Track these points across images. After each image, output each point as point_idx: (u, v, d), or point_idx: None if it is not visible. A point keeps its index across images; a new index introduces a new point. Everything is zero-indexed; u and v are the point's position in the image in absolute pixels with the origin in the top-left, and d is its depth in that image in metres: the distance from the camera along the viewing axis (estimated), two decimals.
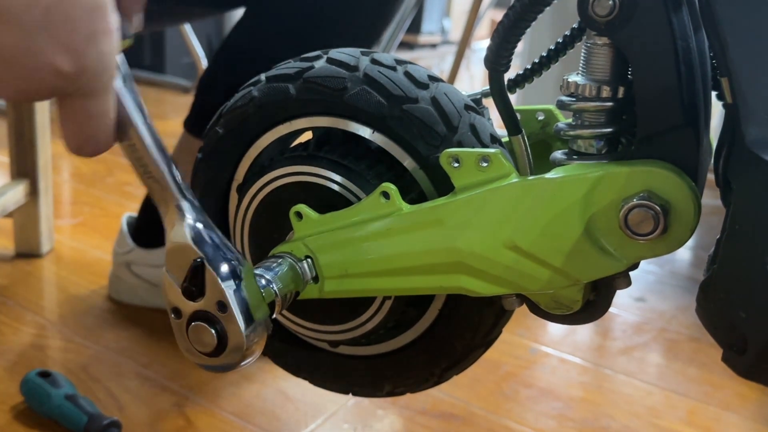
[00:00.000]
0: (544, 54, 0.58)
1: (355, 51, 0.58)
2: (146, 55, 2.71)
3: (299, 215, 0.56)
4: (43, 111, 1.27)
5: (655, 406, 0.98)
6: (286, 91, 0.57)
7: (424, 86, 0.55)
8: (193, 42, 2.28)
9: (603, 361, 1.08)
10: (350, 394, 0.65)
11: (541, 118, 0.62)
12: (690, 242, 1.53)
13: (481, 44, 3.58)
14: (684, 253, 1.51)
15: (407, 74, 0.56)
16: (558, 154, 0.51)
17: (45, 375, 0.89)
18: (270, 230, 0.59)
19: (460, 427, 0.91)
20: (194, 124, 1.06)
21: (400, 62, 0.57)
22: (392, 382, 0.62)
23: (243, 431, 0.89)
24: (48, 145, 1.30)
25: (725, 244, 0.43)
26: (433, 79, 0.57)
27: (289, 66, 0.58)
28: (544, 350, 1.10)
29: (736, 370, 0.44)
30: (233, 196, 0.63)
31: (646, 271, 1.38)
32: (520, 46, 0.60)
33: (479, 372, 1.01)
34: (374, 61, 0.56)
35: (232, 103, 0.61)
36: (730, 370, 1.08)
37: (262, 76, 0.60)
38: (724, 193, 0.47)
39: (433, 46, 4.03)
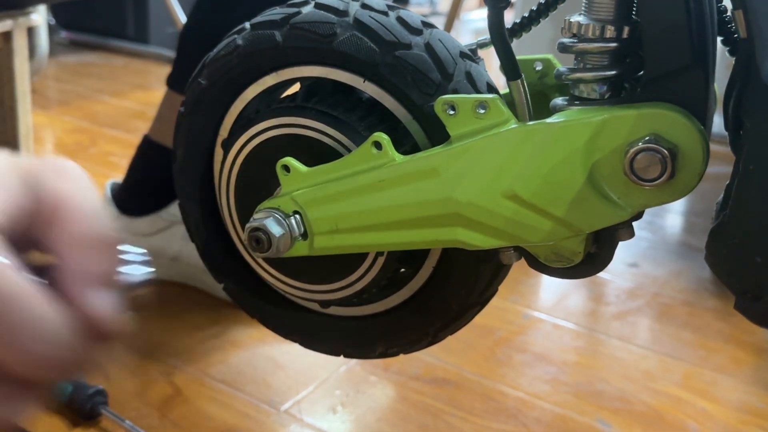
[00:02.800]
0: (542, 1, 0.56)
1: None
2: (129, 26, 2.65)
3: (287, 169, 0.53)
4: (24, 80, 1.23)
5: (650, 370, 0.97)
6: (273, 38, 0.55)
7: (417, 32, 0.53)
8: (177, 11, 2.23)
9: (597, 326, 1.07)
10: (342, 356, 0.63)
11: (539, 68, 0.59)
12: (681, 208, 1.51)
13: (470, 15, 3.54)
14: (676, 219, 1.50)
15: (400, 19, 0.53)
16: (559, 101, 0.49)
17: None
18: (257, 186, 0.57)
19: (453, 393, 0.90)
20: (177, 79, 1.03)
21: (392, 7, 0.54)
22: (385, 343, 0.61)
23: (233, 399, 0.87)
24: (29, 115, 1.26)
25: (738, 186, 0.41)
26: (427, 25, 0.54)
27: (274, 12, 0.56)
28: (538, 316, 1.08)
29: (750, 318, 0.42)
30: (218, 152, 0.61)
31: (638, 237, 1.36)
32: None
33: (472, 337, 1.00)
34: (365, 6, 0.54)
35: (215, 53, 0.58)
36: (725, 334, 1.07)
37: (247, 24, 0.57)
38: (734, 137, 0.45)
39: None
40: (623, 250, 1.25)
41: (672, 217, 1.50)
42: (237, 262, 0.63)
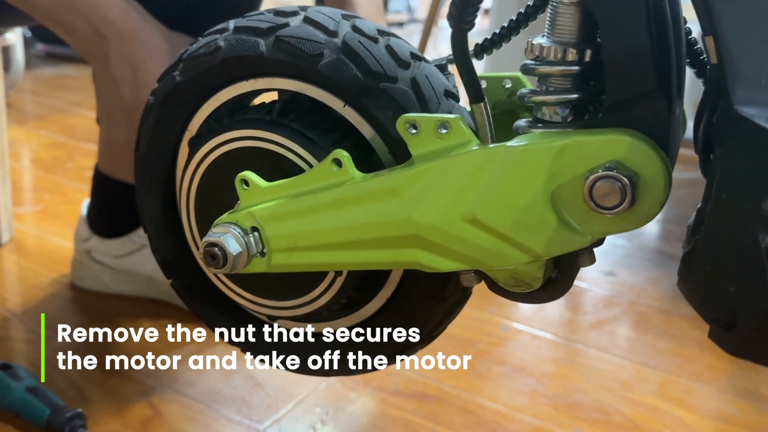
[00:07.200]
0: (513, 18, 0.55)
1: (335, 13, 0.54)
2: None
3: (246, 183, 0.52)
4: None
5: (627, 380, 0.97)
6: (256, 46, 0.52)
7: (405, 65, 0.51)
8: None
9: (574, 336, 1.08)
10: (285, 369, 0.62)
11: (508, 86, 0.59)
12: (658, 215, 1.52)
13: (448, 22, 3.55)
14: (652, 227, 1.50)
15: (389, 49, 0.52)
16: (521, 122, 0.49)
17: (5, 367, 0.86)
18: (219, 194, 0.55)
19: (433, 407, 0.90)
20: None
21: (382, 33, 0.53)
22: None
23: (212, 419, 0.87)
24: (5, 131, 1.25)
25: (710, 213, 0.40)
26: (416, 57, 0.53)
27: (262, 18, 0.54)
28: (516, 327, 1.09)
29: (723, 348, 0.41)
30: (184, 149, 0.59)
31: (614, 245, 1.37)
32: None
33: (452, 350, 1.00)
34: (355, 29, 0.52)
35: (194, 50, 0.56)
36: (701, 342, 1.07)
37: (231, 24, 0.55)
38: (704, 161, 0.44)
39: (400, 24, 3.99)
40: (600, 259, 1.26)
41: (648, 224, 1.51)
42: (189, 262, 0.62)
